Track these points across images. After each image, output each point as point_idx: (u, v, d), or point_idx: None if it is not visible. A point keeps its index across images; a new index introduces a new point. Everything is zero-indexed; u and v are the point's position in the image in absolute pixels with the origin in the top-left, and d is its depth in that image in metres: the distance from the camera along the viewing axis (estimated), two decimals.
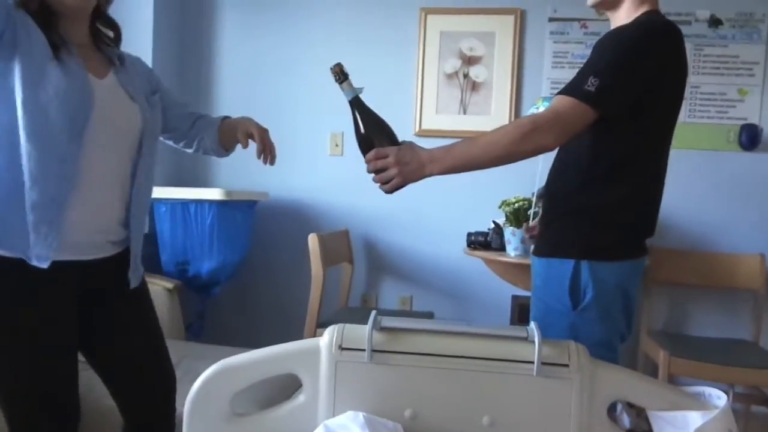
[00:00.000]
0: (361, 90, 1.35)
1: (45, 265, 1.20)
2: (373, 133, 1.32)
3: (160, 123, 1.43)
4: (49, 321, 1.23)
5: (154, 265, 2.62)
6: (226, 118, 1.53)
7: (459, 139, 1.44)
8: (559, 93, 1.26)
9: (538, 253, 1.41)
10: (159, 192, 2.67)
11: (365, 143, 1.32)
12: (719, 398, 0.90)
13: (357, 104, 1.33)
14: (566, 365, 0.95)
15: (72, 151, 1.21)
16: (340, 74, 1.32)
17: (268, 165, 1.45)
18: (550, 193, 1.43)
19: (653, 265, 2.63)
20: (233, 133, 1.47)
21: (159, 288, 2.38)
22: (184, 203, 2.58)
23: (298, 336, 2.32)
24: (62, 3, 1.22)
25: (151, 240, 2.71)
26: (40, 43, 1.18)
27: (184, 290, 2.58)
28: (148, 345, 1.42)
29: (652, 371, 2.48)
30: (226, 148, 1.52)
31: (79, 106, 1.21)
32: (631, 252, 1.34)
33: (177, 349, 2.20)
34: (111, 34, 1.39)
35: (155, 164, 1.42)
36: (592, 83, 1.21)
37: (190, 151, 1.57)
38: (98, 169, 1.27)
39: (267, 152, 1.43)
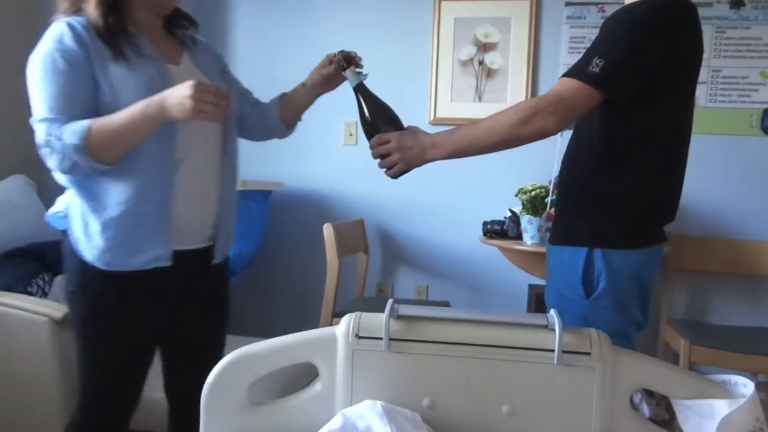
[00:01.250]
0: (365, 76, 1.34)
1: (167, 263, 1.26)
2: (377, 119, 1.31)
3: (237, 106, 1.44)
4: (146, 318, 1.31)
5: None
6: (284, 95, 1.53)
7: None
8: (564, 75, 1.23)
9: (552, 241, 1.39)
10: None
11: (370, 129, 1.32)
12: (746, 386, 0.88)
13: (361, 91, 1.33)
14: (588, 353, 0.93)
15: (167, 148, 1.24)
16: (343, 61, 1.32)
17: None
18: (562, 180, 1.41)
19: (674, 252, 2.59)
20: (294, 103, 1.50)
21: None
22: None
23: (314, 326, 2.32)
24: (158, 4, 1.29)
25: None
26: (108, 55, 1.21)
27: None
28: (210, 329, 1.46)
29: (672, 360, 2.45)
30: (287, 124, 1.52)
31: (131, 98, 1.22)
32: (646, 239, 1.31)
33: None
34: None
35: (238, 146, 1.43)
36: (596, 64, 1.17)
37: (251, 138, 1.56)
38: (195, 158, 1.29)
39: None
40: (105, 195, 1.23)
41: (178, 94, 1.15)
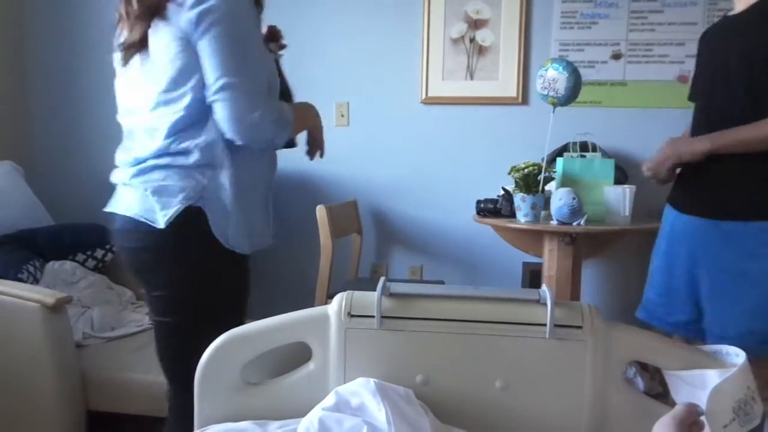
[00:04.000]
0: (280, 56, 1.46)
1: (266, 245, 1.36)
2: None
3: None
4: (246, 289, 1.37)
5: None
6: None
7: (466, 106, 1.47)
8: None
9: (743, 215, 1.42)
10: None
11: None
12: (737, 356, 0.88)
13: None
14: (579, 327, 0.93)
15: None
16: (266, 34, 1.40)
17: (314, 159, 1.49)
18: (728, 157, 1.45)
19: None
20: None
21: None
22: None
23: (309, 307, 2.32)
24: None
25: None
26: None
27: None
28: None
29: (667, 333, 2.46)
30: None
31: (276, 80, 1.31)
32: None
33: None
34: None
35: None
36: None
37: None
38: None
39: (313, 151, 1.48)
40: (254, 175, 1.29)
41: (319, 116, 1.47)
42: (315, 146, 1.45)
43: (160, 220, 1.19)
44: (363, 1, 2.89)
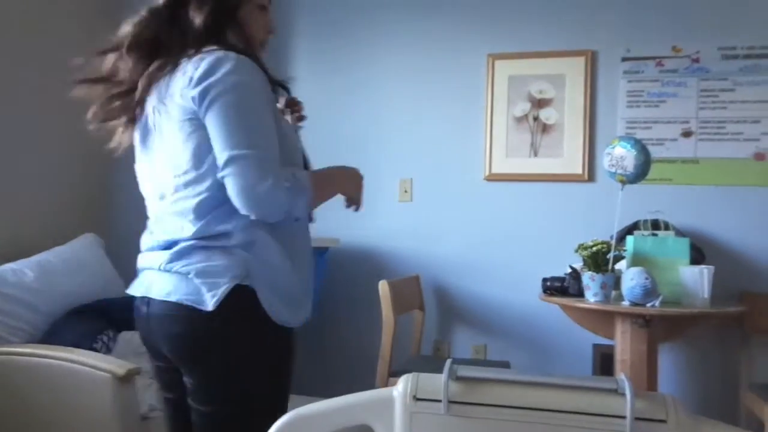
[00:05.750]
0: (300, 127, 1.42)
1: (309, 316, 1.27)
2: None
3: None
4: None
5: None
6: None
7: (530, 183, 1.44)
8: None
9: None
10: None
11: None
12: None
13: None
14: (664, 421, 0.87)
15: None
16: (285, 106, 1.38)
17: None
18: None
19: (751, 311, 2.44)
20: None
21: None
22: None
23: (370, 385, 2.28)
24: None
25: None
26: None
27: None
28: None
29: (756, 429, 2.26)
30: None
31: (297, 152, 1.27)
32: None
33: None
34: None
35: None
36: None
37: None
38: None
39: (349, 204, 1.43)
40: (295, 250, 1.23)
41: (359, 177, 1.36)
42: (351, 203, 1.40)
43: (209, 302, 1.12)
44: (428, 79, 2.98)
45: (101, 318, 2.21)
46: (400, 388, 0.97)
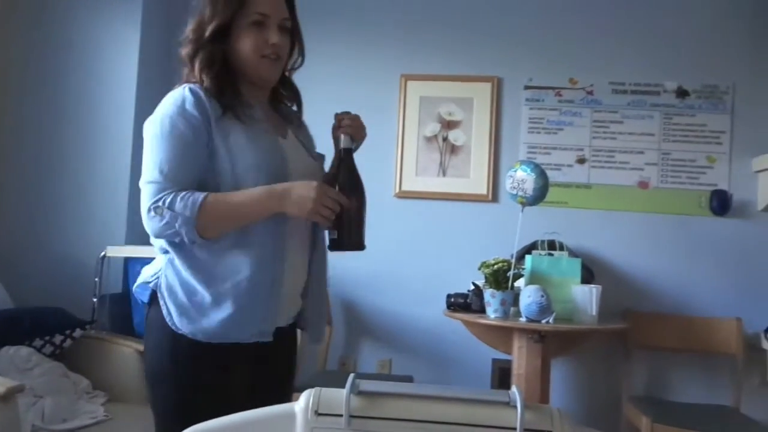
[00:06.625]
0: (356, 147, 1.39)
1: (268, 339, 1.22)
2: (349, 187, 1.31)
3: None
4: (235, 390, 1.23)
5: (126, 326, 2.54)
6: None
7: (438, 201, 1.45)
8: None
9: None
10: (133, 251, 2.63)
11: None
12: None
13: (347, 155, 1.34)
14: (549, 431, 0.93)
15: (280, 221, 1.21)
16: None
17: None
18: None
19: (634, 328, 2.63)
20: None
21: (130, 350, 2.31)
22: None
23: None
24: (261, 77, 1.27)
25: (124, 300, 2.64)
26: (228, 123, 1.21)
27: None
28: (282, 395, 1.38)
29: None
30: None
31: (276, 169, 1.21)
32: None
33: (147, 415, 2.11)
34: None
35: None
36: None
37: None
38: (295, 234, 1.27)
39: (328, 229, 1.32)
40: (219, 266, 1.19)
41: (302, 193, 1.17)
42: (322, 226, 1.30)
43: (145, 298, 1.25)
44: (341, 98, 3.01)
45: None
46: (302, 403, 0.97)
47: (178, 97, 1.20)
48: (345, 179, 1.31)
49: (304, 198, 1.17)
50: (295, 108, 1.43)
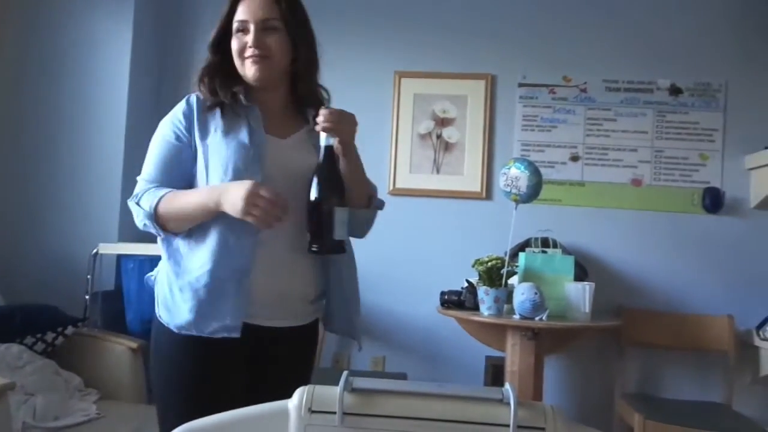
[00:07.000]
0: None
1: (236, 335, 1.22)
2: (329, 184, 1.28)
3: None
4: (223, 383, 1.25)
5: (118, 324, 2.53)
6: None
7: (432, 199, 1.45)
8: None
9: None
10: (126, 248, 2.62)
11: (320, 190, 1.27)
12: None
13: (329, 152, 1.31)
14: (542, 428, 0.93)
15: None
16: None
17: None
18: None
19: (627, 325, 2.64)
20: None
21: (122, 348, 2.30)
22: (153, 260, 2.52)
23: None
24: (247, 78, 1.29)
25: (117, 297, 2.63)
26: (213, 125, 1.27)
27: (148, 350, 2.49)
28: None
29: None
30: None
31: (244, 168, 1.22)
32: None
33: (139, 413, 2.10)
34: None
35: None
36: None
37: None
38: (279, 232, 1.24)
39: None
40: (188, 258, 1.25)
41: (234, 193, 1.17)
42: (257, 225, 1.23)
43: None
44: (335, 95, 3.00)
45: None
46: (296, 400, 0.97)
47: (178, 104, 1.31)
48: (322, 178, 1.29)
49: (236, 197, 1.16)
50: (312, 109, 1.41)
